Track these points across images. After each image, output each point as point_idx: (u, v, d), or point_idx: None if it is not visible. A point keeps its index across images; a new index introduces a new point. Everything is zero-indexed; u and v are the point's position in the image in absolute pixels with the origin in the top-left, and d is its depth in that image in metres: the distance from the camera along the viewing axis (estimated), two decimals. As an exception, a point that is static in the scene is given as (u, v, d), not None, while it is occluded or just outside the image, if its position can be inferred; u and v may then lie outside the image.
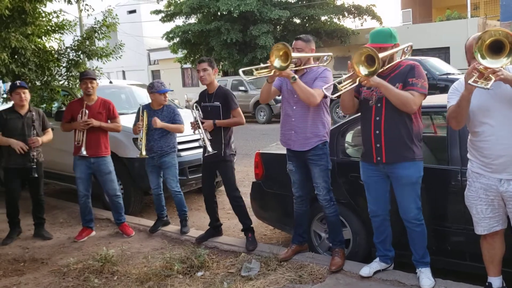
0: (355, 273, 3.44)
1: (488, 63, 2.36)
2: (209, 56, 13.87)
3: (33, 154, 4.61)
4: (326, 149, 3.60)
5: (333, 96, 3.11)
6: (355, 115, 3.64)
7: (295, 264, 3.69)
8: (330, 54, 3.80)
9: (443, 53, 18.33)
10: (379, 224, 3.34)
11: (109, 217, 5.23)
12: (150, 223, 5.02)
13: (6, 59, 5.07)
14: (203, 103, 4.27)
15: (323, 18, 21.73)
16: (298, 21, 21.57)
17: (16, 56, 5.51)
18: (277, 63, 3.24)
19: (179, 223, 4.77)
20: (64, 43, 6.28)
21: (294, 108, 3.59)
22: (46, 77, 6.00)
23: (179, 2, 21.84)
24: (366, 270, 3.37)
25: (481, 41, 2.36)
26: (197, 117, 4.16)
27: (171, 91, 5.15)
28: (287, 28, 21.14)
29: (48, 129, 4.87)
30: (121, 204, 4.88)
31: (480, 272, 3.06)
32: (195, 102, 4.36)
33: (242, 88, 16.64)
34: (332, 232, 3.68)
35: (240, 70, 3.57)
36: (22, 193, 4.95)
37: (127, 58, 9.13)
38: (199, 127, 4.13)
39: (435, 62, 12.82)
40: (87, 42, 6.16)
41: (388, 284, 3.26)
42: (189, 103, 4.60)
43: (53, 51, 6.08)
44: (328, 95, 3.29)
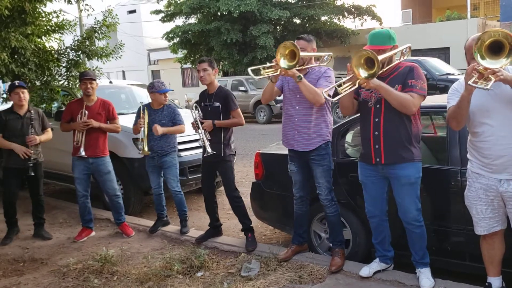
0: (355, 273, 3.44)
1: (487, 63, 2.36)
2: (209, 56, 13.85)
3: (31, 152, 4.60)
4: (329, 149, 3.59)
5: (334, 99, 3.10)
6: (354, 116, 3.64)
7: (295, 264, 3.69)
8: (330, 54, 3.81)
9: (443, 53, 18.33)
10: (377, 224, 3.34)
11: (109, 217, 5.22)
12: (150, 223, 5.02)
13: (6, 59, 5.06)
14: (203, 103, 4.26)
15: (323, 18, 21.77)
16: (298, 21, 21.59)
17: (16, 56, 5.51)
18: (283, 62, 3.22)
19: (179, 223, 4.77)
20: (64, 43, 6.28)
21: (297, 108, 3.58)
22: (46, 77, 6.00)
23: (179, 2, 21.86)
24: (366, 271, 3.37)
25: (480, 41, 2.37)
26: (197, 117, 4.17)
27: (172, 90, 5.14)
28: (287, 28, 21.15)
29: (48, 128, 4.87)
30: (121, 204, 4.87)
31: (479, 272, 3.06)
32: (195, 102, 4.36)
33: (242, 88, 16.66)
34: (333, 232, 3.68)
35: (249, 69, 3.54)
36: (22, 193, 4.95)
37: (127, 58, 9.12)
38: (199, 127, 4.13)
39: (435, 63, 12.81)
40: (87, 42, 6.16)
41: (388, 284, 3.26)
42: (189, 103, 4.60)
43: (53, 51, 6.08)
44: (329, 98, 3.27)
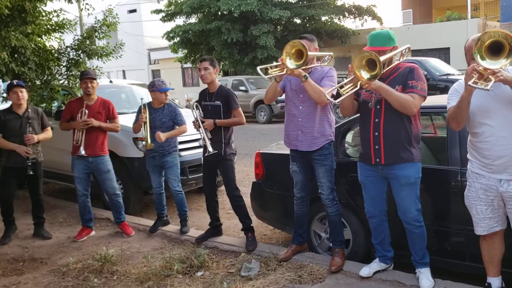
0: (355, 273, 3.43)
1: (487, 64, 2.36)
2: (210, 55, 13.87)
3: (30, 151, 4.60)
4: (332, 149, 3.59)
5: (336, 101, 3.08)
6: (355, 116, 3.64)
7: (295, 264, 3.69)
8: (331, 53, 3.82)
9: (443, 53, 18.35)
10: (377, 224, 3.34)
11: (109, 216, 5.22)
12: (150, 222, 5.01)
13: (6, 58, 5.06)
14: (204, 102, 4.25)
15: (323, 18, 21.77)
16: (298, 21, 21.59)
17: (16, 55, 5.50)
18: (290, 62, 3.21)
19: (179, 223, 4.77)
20: (64, 42, 6.28)
21: (300, 108, 3.57)
22: (46, 76, 5.99)
23: (179, 1, 21.84)
24: (366, 271, 3.37)
25: (480, 42, 2.37)
26: (198, 116, 4.17)
27: (172, 89, 5.13)
28: (288, 28, 21.15)
29: (48, 127, 4.86)
30: (121, 203, 4.86)
31: (479, 272, 3.06)
32: (195, 102, 4.35)
33: (242, 88, 16.65)
34: (333, 232, 3.68)
35: (258, 68, 3.53)
36: (22, 193, 4.95)
37: (127, 57, 9.12)
38: (200, 127, 4.13)
39: (435, 63, 12.82)
40: (87, 42, 6.16)
41: (387, 284, 3.26)
42: (189, 102, 4.59)
43: (53, 50, 6.08)
44: (332, 100, 3.21)
